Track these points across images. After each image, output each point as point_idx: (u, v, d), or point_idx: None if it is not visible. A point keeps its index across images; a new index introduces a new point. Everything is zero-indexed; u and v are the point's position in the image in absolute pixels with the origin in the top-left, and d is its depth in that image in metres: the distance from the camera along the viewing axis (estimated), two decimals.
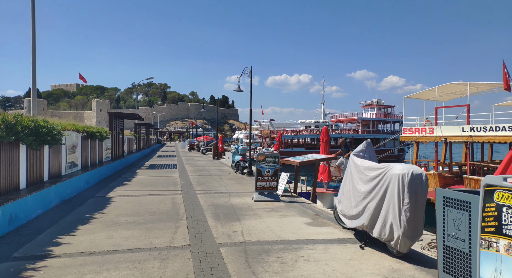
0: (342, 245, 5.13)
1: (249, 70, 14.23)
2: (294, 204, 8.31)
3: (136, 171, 16.10)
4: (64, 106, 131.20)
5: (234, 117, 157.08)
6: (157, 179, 12.96)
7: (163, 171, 16.29)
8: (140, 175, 14.57)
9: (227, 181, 12.68)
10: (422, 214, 4.24)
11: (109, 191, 10.02)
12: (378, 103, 53.90)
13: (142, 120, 21.72)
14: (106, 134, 14.75)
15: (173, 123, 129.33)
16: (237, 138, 63.78)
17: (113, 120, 17.48)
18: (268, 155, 8.51)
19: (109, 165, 14.82)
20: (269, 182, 8.58)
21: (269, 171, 8.55)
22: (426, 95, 18.75)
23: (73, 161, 10.73)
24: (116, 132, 18.34)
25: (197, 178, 13.57)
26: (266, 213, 7.24)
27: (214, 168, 17.90)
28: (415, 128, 17.80)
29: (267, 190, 8.62)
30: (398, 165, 4.43)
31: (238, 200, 8.73)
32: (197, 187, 11.08)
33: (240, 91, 15.16)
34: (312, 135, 48.94)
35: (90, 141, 12.79)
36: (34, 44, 10.80)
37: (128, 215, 6.98)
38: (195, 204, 8.12)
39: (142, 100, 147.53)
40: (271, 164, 8.53)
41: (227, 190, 10.48)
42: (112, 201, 8.44)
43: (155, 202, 8.34)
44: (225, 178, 13.48)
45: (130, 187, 10.88)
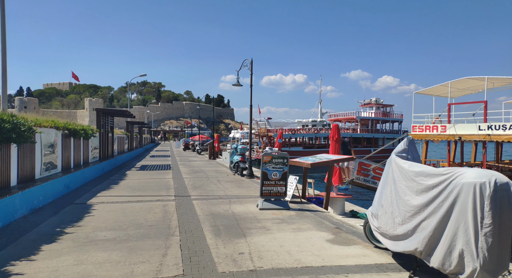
0: (384, 274, 3.93)
1: (249, 62, 12.99)
2: (306, 212, 7.10)
3: (125, 173, 14.79)
4: (56, 105, 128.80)
5: (230, 116, 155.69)
6: (147, 182, 11.68)
7: (155, 172, 15.00)
8: (130, 177, 13.28)
9: (226, 184, 11.44)
10: (509, 240, 3.06)
11: (91, 197, 8.72)
12: (376, 102, 52.95)
13: (133, 118, 20.39)
14: (92, 132, 13.43)
15: (167, 122, 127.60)
16: (233, 137, 62.51)
17: (101, 117, 16.14)
18: (275, 156, 7.29)
19: (96, 166, 13.50)
20: (276, 187, 7.36)
21: (276, 174, 7.33)
22: (436, 91, 17.66)
23: (52, 162, 9.42)
24: (105, 130, 17.00)
25: (193, 180, 12.32)
26: (276, 225, 6.02)
27: (211, 169, 16.64)
28: (425, 126, 16.70)
29: (274, 196, 7.40)
30: (469, 170, 3.24)
31: (240, 207, 7.50)
32: (192, 191, 9.83)
33: (239, 85, 13.91)
34: (310, 134, 47.84)
35: (73, 139, 11.47)
36: (4, 34, 9.45)
37: (108, 228, 5.72)
38: (190, 214, 6.88)
39: (136, 99, 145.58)
40: (278, 166, 7.31)
41: (227, 195, 9.24)
42: (93, 210, 7.17)
43: (143, 211, 7.08)
44: (224, 181, 12.23)
45: (116, 192, 9.60)
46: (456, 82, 15.94)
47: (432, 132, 16.28)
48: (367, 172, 12.27)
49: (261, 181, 7.33)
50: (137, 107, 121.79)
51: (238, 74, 13.81)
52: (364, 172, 12.31)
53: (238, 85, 13.90)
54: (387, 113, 52.99)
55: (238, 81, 13.83)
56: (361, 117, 50.00)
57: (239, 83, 13.84)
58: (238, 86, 13.93)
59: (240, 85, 13.90)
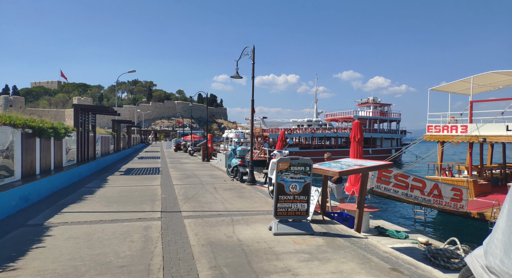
0: None
1: (251, 50, 11.16)
2: (338, 240, 5.28)
3: (107, 178, 12.82)
4: (43, 104, 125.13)
5: (223, 116, 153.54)
6: (130, 191, 9.76)
7: (141, 177, 13.05)
8: (111, 183, 11.32)
9: (225, 193, 9.58)
10: None
11: (53, 214, 6.79)
12: (374, 101, 51.57)
13: (117, 115, 18.38)
14: (66, 131, 11.45)
15: (159, 122, 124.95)
16: (226, 137, 60.52)
17: (79, 114, 14.13)
18: (294, 162, 5.46)
19: (71, 171, 11.52)
20: (295, 203, 5.54)
21: (296, 186, 5.50)
22: (453, 88, 16.04)
23: (6, 168, 7.45)
24: (84, 129, 14.99)
25: (184, 188, 10.42)
26: (305, 264, 4.19)
27: (205, 173, 14.75)
28: (443, 126, 15.06)
29: (293, 216, 5.58)
30: None
31: (247, 231, 5.66)
32: (184, 204, 7.94)
33: (238, 77, 12.05)
34: (306, 134, 46.19)
35: (39, 140, 9.50)
36: None
37: (56, 275, 3.84)
38: (180, 243, 5.02)
39: (126, 98, 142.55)
40: (299, 175, 5.49)
41: (227, 209, 7.39)
42: (47, 237, 5.26)
43: (116, 239, 5.20)
44: (221, 189, 10.37)
45: (88, 205, 7.67)
46: (479, 77, 14.33)
47: (450, 133, 14.66)
48: (388, 179, 10.52)
49: (275, 195, 5.50)
50: (127, 106, 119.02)
51: (237, 64, 11.96)
52: (385, 179, 10.55)
53: (237, 77, 12.05)
54: (385, 112, 51.67)
55: (238, 72, 11.98)
56: (358, 117, 48.50)
57: (239, 75, 11.99)
58: (237, 79, 12.08)
59: (240, 77, 12.04)
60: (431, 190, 11.13)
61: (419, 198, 11.18)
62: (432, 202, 11.25)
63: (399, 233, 7.95)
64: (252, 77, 11.19)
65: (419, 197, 11.17)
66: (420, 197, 11.19)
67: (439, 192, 11.32)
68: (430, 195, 11.17)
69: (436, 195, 11.35)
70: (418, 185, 10.98)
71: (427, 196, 11.21)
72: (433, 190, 11.21)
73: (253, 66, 11.14)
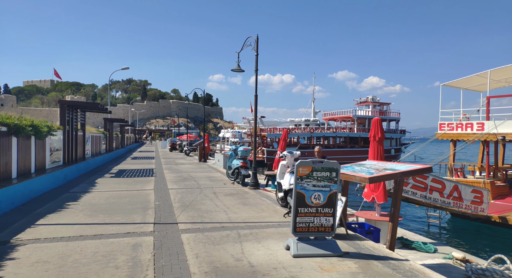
0: None
1: (254, 40, 10.13)
2: (375, 264, 4.26)
3: (95, 181, 11.71)
4: (36, 102, 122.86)
5: (219, 115, 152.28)
6: (120, 196, 8.67)
7: (133, 180, 11.95)
8: (99, 187, 10.23)
9: (226, 199, 8.53)
10: None
11: (24, 227, 5.70)
12: (373, 100, 50.75)
13: (108, 113, 17.24)
14: (50, 129, 10.33)
15: (153, 121, 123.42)
16: (223, 137, 59.44)
17: (66, 111, 12.99)
18: (318, 167, 4.44)
19: (55, 173, 10.41)
20: (318, 217, 4.52)
21: (319, 196, 4.48)
22: (466, 83, 15.13)
23: None
24: (72, 128, 13.86)
25: (181, 193, 9.36)
26: None
27: (203, 175, 13.68)
28: (457, 123, 14.13)
29: (315, 233, 4.55)
30: None
31: (259, 251, 4.62)
32: (180, 213, 6.89)
33: (240, 71, 11.00)
34: (305, 134, 45.20)
35: (16, 139, 8.39)
36: None
37: None
38: (177, 270, 3.96)
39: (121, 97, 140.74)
40: (323, 183, 4.46)
41: (231, 220, 6.35)
42: (7, 262, 4.18)
43: (96, 264, 4.14)
44: (222, 194, 9.32)
45: (68, 216, 6.58)
46: (496, 71, 13.41)
47: (465, 131, 13.73)
48: (406, 180, 9.57)
49: (294, 207, 4.47)
50: (121, 105, 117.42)
51: (239, 56, 10.91)
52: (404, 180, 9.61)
53: (239, 71, 10.99)
54: (384, 111, 50.83)
55: (239, 65, 10.93)
56: (358, 116, 47.65)
57: (240, 68, 10.94)
58: (238, 72, 11.03)
59: (241, 70, 10.99)
60: (450, 192, 10.19)
61: (438, 200, 10.23)
62: (452, 204, 10.30)
63: (427, 246, 6.97)
64: (255, 70, 10.16)
65: (438, 200, 10.22)
66: (440, 200, 10.24)
67: (459, 194, 10.38)
68: (450, 198, 10.23)
69: (456, 198, 10.41)
70: (437, 186, 10.04)
71: (447, 199, 10.27)
72: (452, 192, 10.27)
73: (256, 58, 10.10)
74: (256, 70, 10.13)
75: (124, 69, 33.04)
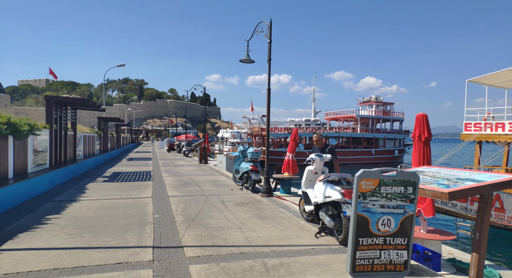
0: None
1: (267, 26, 8.81)
2: None
3: (85, 186, 10.35)
4: (30, 102, 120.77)
5: (216, 115, 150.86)
6: (112, 207, 7.32)
7: (128, 185, 10.59)
8: (89, 194, 8.87)
9: (238, 210, 7.21)
10: None
11: None
12: (376, 100, 49.57)
13: (102, 111, 15.85)
14: (32, 128, 8.97)
15: (150, 121, 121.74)
16: (222, 137, 58.10)
17: (53, 108, 11.61)
18: (389, 180, 3.13)
19: (38, 178, 9.04)
20: (387, 250, 3.21)
21: (389, 222, 3.17)
22: (493, 79, 13.86)
23: None
24: (61, 127, 12.49)
25: (184, 202, 8.02)
26: None
27: (206, 179, 12.34)
28: (485, 123, 12.90)
29: (382, 272, 3.24)
30: None
31: None
32: (185, 231, 5.56)
33: (249, 61, 9.67)
34: (307, 134, 43.91)
35: None
36: None
37: None
38: None
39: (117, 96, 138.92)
40: (396, 202, 3.16)
41: (250, 242, 5.02)
42: None
43: None
44: (231, 203, 7.99)
45: (44, 237, 5.23)
46: None
47: (495, 131, 12.50)
48: None
49: (352, 237, 3.15)
50: (117, 105, 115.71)
51: (248, 45, 9.58)
52: None
53: (248, 61, 9.67)
54: (388, 111, 49.67)
55: (248, 55, 9.60)
56: (361, 116, 46.45)
57: (250, 58, 9.61)
58: (248, 63, 9.70)
59: (251, 61, 9.66)
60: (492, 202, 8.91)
61: None
62: (493, 216, 9.05)
63: (490, 272, 5.67)
64: (268, 60, 8.84)
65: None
66: None
67: (501, 204, 9.12)
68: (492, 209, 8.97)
69: (498, 209, 9.14)
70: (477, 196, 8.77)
71: None
72: (494, 202, 9.03)
73: (269, 45, 8.79)
74: (269, 60, 8.81)
75: (120, 66, 31.64)
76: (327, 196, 4.85)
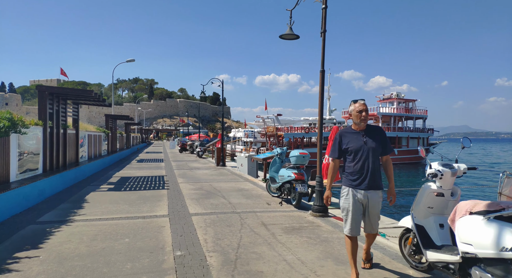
0: None
1: None
2: None
3: (85, 198, 8.28)
4: None
5: (227, 115, 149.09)
6: (114, 236, 5.19)
7: (138, 196, 8.47)
8: (86, 212, 6.77)
9: (291, 241, 5.01)
10: None
11: None
12: (398, 97, 46.87)
13: (107, 106, 13.83)
14: (14, 124, 6.95)
15: (160, 120, 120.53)
16: (234, 136, 56.00)
17: (47, 101, 9.59)
18: None
19: (22, 190, 6.99)
20: None
21: None
22: None
23: None
24: (59, 124, 10.49)
25: (212, 225, 5.85)
26: None
27: (230, 187, 10.18)
28: None
29: None
30: None
31: None
32: None
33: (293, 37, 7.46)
34: (326, 133, 41.43)
35: None
36: None
37: None
38: None
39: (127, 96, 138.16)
40: None
41: None
42: None
43: None
44: (278, 227, 5.79)
45: None
46: None
47: None
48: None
49: None
50: (127, 104, 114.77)
51: (291, 15, 7.36)
52: None
53: (291, 37, 7.44)
54: (410, 109, 46.92)
55: (291, 28, 7.38)
56: (382, 114, 43.85)
57: (293, 32, 7.39)
58: (291, 39, 7.48)
59: (295, 35, 7.44)
60: None
61: None
62: None
63: None
64: (322, 32, 6.60)
65: None
66: None
67: None
68: None
69: None
70: None
71: None
72: None
73: (324, 12, 6.55)
74: (323, 32, 6.58)
75: (130, 61, 29.77)
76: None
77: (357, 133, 3.66)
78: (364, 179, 3.53)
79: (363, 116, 3.61)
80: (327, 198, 3.79)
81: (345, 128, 3.82)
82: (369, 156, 3.54)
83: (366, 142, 3.56)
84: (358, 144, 3.57)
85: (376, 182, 3.59)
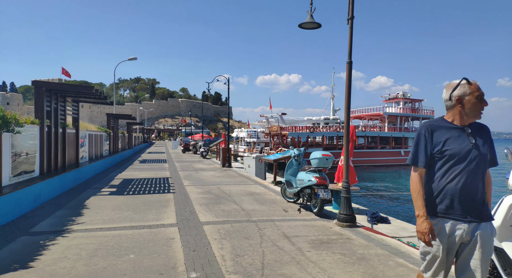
0: None
1: None
2: None
3: (84, 204, 7.59)
4: None
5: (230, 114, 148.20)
6: (116, 251, 4.50)
7: (143, 201, 7.76)
8: (85, 220, 6.07)
9: (323, 259, 4.30)
10: None
11: None
12: (404, 96, 46.09)
13: (108, 104, 13.15)
14: (5, 122, 6.26)
15: (162, 120, 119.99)
16: (236, 136, 55.27)
17: (44, 98, 8.89)
18: None
19: (14, 195, 6.29)
20: None
21: None
22: None
23: None
24: (57, 123, 9.80)
25: (228, 236, 5.14)
26: None
27: (240, 191, 9.46)
28: None
29: None
30: None
31: None
32: None
33: (315, 25, 6.76)
34: (330, 133, 40.78)
35: None
36: None
37: None
38: None
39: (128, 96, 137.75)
40: None
41: None
42: None
43: None
44: (304, 241, 5.08)
45: None
46: None
47: None
48: None
49: None
50: (129, 104, 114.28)
51: (312, 2, 6.64)
52: None
53: (311, 26, 6.73)
54: (416, 109, 46.15)
55: (312, 16, 6.67)
56: (388, 114, 43.08)
57: (313, 20, 6.68)
58: (311, 28, 6.77)
59: (316, 24, 6.72)
60: None
61: None
62: None
63: None
64: (349, 19, 5.89)
65: None
66: None
67: None
68: None
69: None
70: None
71: None
72: None
73: (352, 3, 5.83)
74: (350, 18, 5.86)
75: (131, 60, 29.09)
76: None
77: (460, 129, 2.32)
78: (471, 205, 2.26)
79: (484, 105, 2.30)
80: (425, 234, 2.25)
81: (435, 120, 2.45)
82: (479, 166, 2.27)
83: (476, 145, 2.28)
84: (462, 146, 2.27)
85: (487, 209, 2.32)
